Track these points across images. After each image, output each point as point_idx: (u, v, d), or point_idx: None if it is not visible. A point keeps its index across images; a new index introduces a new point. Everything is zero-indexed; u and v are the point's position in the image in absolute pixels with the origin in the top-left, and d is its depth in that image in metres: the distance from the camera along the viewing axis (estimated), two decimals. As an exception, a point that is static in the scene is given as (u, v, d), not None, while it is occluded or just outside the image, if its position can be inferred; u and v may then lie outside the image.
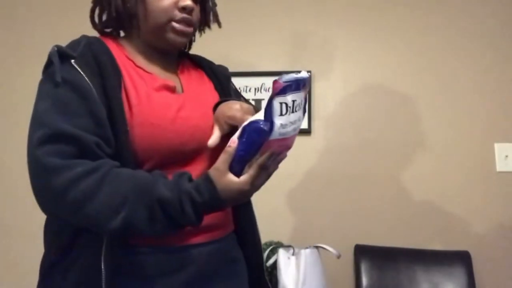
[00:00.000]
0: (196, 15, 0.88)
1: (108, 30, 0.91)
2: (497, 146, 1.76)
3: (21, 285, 1.68)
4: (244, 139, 0.71)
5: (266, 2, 1.94)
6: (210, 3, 0.95)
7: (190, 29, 0.87)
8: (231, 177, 0.71)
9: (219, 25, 0.97)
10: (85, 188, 0.67)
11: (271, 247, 1.60)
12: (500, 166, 1.75)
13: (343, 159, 1.83)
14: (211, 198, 0.70)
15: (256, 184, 0.72)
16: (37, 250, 0.85)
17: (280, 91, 0.69)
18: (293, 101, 0.72)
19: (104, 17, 0.89)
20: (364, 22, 1.89)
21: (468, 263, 1.63)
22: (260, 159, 0.71)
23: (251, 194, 0.75)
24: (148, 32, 0.86)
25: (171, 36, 0.85)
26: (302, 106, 0.77)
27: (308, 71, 1.94)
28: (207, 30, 0.98)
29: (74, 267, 0.74)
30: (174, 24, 0.84)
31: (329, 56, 1.89)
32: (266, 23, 1.92)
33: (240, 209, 0.96)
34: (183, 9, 0.84)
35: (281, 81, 0.69)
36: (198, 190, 0.71)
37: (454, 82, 1.82)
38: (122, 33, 0.93)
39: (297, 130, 0.76)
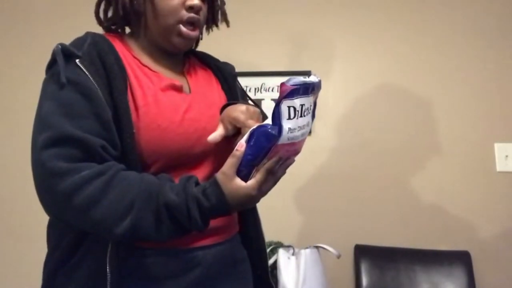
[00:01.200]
0: (203, 14, 0.87)
1: (113, 26, 0.90)
2: (497, 146, 1.76)
3: (23, 285, 1.69)
4: (252, 143, 0.69)
5: (266, 2, 1.94)
6: (219, 2, 0.93)
7: (195, 33, 0.86)
8: (239, 181, 0.69)
9: (227, 24, 0.96)
10: (90, 193, 0.66)
11: (271, 247, 1.60)
12: (500, 166, 1.75)
13: (343, 159, 1.83)
14: (218, 203, 0.69)
15: (263, 189, 0.71)
16: (39, 250, 0.84)
17: (287, 94, 0.68)
18: (302, 105, 0.71)
19: (109, 14, 0.88)
20: (364, 22, 1.89)
21: (468, 263, 1.63)
22: (267, 164, 0.70)
23: (258, 200, 0.73)
24: (155, 32, 0.85)
25: (176, 39, 0.85)
26: (311, 111, 0.76)
27: (308, 71, 1.94)
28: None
29: (79, 270, 0.73)
30: (181, 27, 0.83)
31: (329, 56, 1.89)
32: (266, 23, 1.92)
33: (245, 210, 0.96)
34: (191, 8, 0.83)
35: (288, 84, 0.67)
36: (205, 194, 0.69)
37: (454, 82, 1.82)
38: (127, 29, 0.91)
39: (306, 135, 0.75)
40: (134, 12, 0.83)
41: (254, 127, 0.71)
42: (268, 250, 1.59)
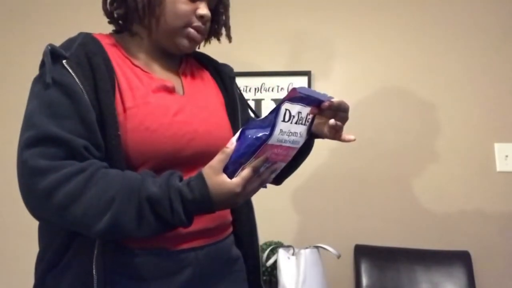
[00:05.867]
0: (209, 25, 0.88)
1: (120, 21, 0.88)
2: (497, 146, 1.76)
3: (20, 285, 1.68)
4: (242, 141, 0.69)
5: (266, 2, 1.94)
6: (224, 17, 0.93)
7: (202, 37, 0.87)
8: (224, 177, 0.68)
9: (230, 39, 0.95)
10: (70, 190, 0.66)
11: (271, 247, 1.59)
12: (500, 166, 1.75)
13: (343, 159, 1.83)
14: (201, 196, 0.68)
15: (248, 189, 0.70)
16: (36, 249, 0.84)
17: (293, 98, 0.69)
18: (299, 112, 0.71)
19: (115, 4, 0.86)
20: (364, 21, 1.89)
21: (468, 263, 1.63)
22: (254, 162, 0.68)
23: (241, 199, 0.71)
24: (161, 32, 0.84)
25: (182, 40, 0.85)
26: (307, 124, 0.76)
27: (308, 71, 1.93)
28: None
29: (67, 272, 0.73)
30: (190, 30, 0.84)
31: (329, 56, 1.89)
32: (266, 23, 1.92)
33: (241, 211, 0.95)
34: (201, 17, 0.84)
35: (299, 91, 0.68)
36: (189, 186, 0.68)
37: (454, 81, 1.82)
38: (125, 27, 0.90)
39: (296, 145, 0.75)
40: (150, 6, 0.82)
41: (246, 125, 0.71)
42: (268, 250, 1.59)
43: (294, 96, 0.69)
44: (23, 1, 2.01)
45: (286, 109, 0.69)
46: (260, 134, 0.68)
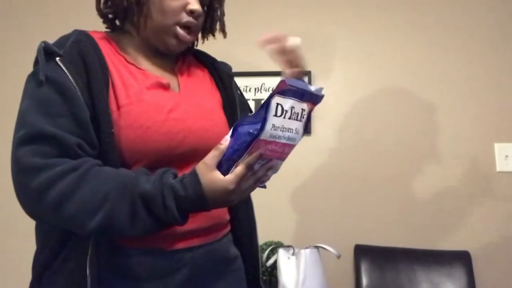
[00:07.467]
0: (201, 21, 0.87)
1: (111, 16, 0.88)
2: (497, 146, 1.76)
3: (19, 285, 1.68)
4: (234, 136, 0.69)
5: (267, 2, 1.94)
6: (218, 12, 0.92)
7: (191, 38, 0.86)
8: (217, 173, 0.68)
9: (224, 35, 0.95)
10: (63, 187, 0.65)
11: (271, 247, 1.59)
12: (500, 166, 1.75)
13: (343, 159, 1.83)
14: (194, 192, 0.67)
15: (242, 186, 0.69)
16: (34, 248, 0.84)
17: (282, 91, 0.68)
18: (292, 107, 0.71)
19: (108, 3, 0.86)
20: (364, 21, 1.89)
21: (468, 263, 1.63)
22: (248, 159, 0.68)
23: (235, 197, 0.70)
24: (150, 30, 0.84)
25: (170, 40, 0.84)
26: (302, 119, 0.75)
27: (308, 71, 1.93)
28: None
29: (62, 271, 0.72)
30: (178, 29, 0.83)
31: (329, 56, 1.89)
32: (266, 23, 1.92)
33: (240, 210, 0.95)
34: (191, 12, 0.83)
35: (287, 82, 0.67)
36: (182, 183, 0.68)
37: (454, 82, 1.82)
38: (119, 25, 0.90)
39: (292, 142, 0.74)
40: (137, 3, 0.82)
41: (238, 121, 0.71)
42: (268, 250, 1.59)
43: (285, 89, 0.68)
44: (23, 1, 2.02)
45: (277, 103, 0.68)
46: (251, 130, 0.67)
